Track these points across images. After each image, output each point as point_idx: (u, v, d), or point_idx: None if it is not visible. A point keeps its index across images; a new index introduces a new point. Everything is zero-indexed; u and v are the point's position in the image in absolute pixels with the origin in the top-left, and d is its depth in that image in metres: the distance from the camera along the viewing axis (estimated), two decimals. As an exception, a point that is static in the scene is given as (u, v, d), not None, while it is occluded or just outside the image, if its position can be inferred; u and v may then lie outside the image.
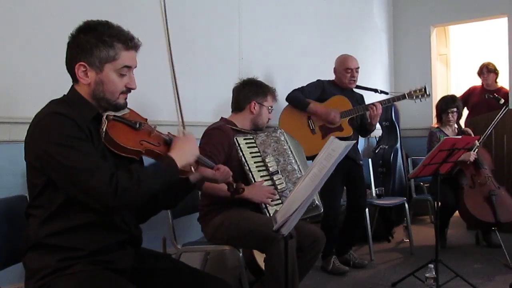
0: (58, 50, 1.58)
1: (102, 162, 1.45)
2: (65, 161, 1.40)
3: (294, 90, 3.60)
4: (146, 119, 1.70)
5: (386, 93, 4.02)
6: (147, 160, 1.65)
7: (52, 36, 2.52)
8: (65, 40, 1.59)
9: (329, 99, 3.59)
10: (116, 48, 1.55)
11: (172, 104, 1.62)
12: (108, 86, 1.56)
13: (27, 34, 2.48)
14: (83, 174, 1.39)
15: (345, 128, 3.54)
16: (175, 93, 1.68)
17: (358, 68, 3.67)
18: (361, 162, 3.77)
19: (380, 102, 3.53)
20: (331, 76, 3.78)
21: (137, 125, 1.59)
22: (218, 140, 2.51)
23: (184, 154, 1.60)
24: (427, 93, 3.64)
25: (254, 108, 2.71)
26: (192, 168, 1.66)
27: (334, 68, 3.74)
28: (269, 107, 2.77)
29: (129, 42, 1.57)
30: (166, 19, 1.62)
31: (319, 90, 3.63)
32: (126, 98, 1.62)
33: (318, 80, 3.71)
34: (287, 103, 3.64)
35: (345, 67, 3.64)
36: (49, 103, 1.55)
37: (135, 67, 1.62)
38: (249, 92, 2.73)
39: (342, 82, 3.67)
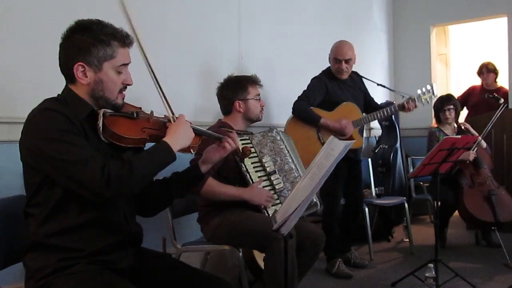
0: (56, 50, 1.59)
1: (95, 153, 1.45)
2: (57, 155, 1.40)
3: (300, 101, 3.39)
4: (140, 108, 1.70)
5: (390, 89, 3.98)
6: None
7: (51, 35, 2.52)
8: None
9: (337, 107, 3.46)
10: (113, 46, 1.56)
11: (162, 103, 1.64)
12: (108, 84, 1.56)
13: (26, 34, 2.48)
14: (76, 166, 1.39)
15: (356, 139, 3.45)
16: (156, 84, 1.67)
17: (350, 59, 3.49)
18: (359, 158, 3.75)
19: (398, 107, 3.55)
20: None
21: (135, 115, 1.61)
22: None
23: (178, 137, 1.59)
24: (435, 94, 3.62)
25: (240, 107, 2.69)
26: (192, 150, 1.67)
27: (329, 56, 3.61)
28: (255, 97, 2.71)
29: (125, 40, 1.59)
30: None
31: (322, 92, 3.48)
32: (123, 98, 1.63)
33: (318, 80, 3.54)
34: (290, 102, 3.57)
35: (334, 56, 3.50)
36: (43, 101, 1.55)
37: (129, 63, 1.63)
38: (228, 93, 2.69)
39: (335, 73, 3.55)
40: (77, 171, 1.39)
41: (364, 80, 3.80)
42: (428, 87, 3.64)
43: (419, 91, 3.63)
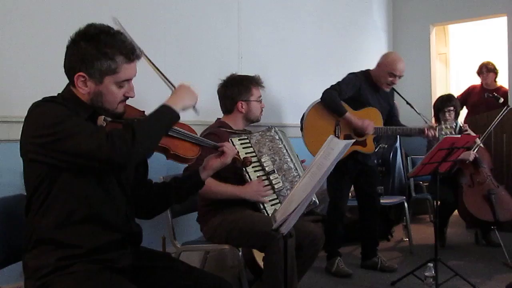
0: (55, 49, 1.58)
1: (98, 127, 1.46)
2: (62, 133, 1.39)
3: (331, 90, 3.37)
4: (144, 112, 1.68)
5: (416, 111, 3.68)
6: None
7: (49, 35, 2.52)
8: (61, 39, 1.57)
9: (363, 109, 3.45)
10: (117, 60, 1.52)
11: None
12: (107, 97, 1.54)
13: (24, 34, 2.48)
14: (81, 138, 1.38)
15: (368, 144, 3.44)
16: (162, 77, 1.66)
17: (403, 76, 3.51)
18: (374, 163, 3.70)
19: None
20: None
21: None
22: None
23: (181, 96, 1.59)
24: (456, 132, 3.57)
25: (242, 107, 2.69)
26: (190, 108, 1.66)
27: (379, 62, 3.55)
28: (257, 99, 2.72)
29: (131, 55, 1.55)
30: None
31: (354, 89, 3.45)
32: (124, 106, 1.61)
33: (354, 75, 3.51)
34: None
35: (390, 70, 3.43)
36: (40, 100, 1.53)
37: (135, 76, 1.60)
38: (232, 93, 2.69)
39: (379, 81, 3.51)
40: (83, 142, 1.38)
41: (398, 91, 3.75)
42: (454, 123, 3.59)
43: (443, 124, 3.55)
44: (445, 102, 4.22)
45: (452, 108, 4.19)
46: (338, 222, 3.54)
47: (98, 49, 1.49)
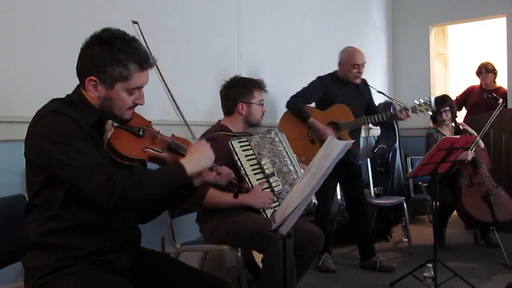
0: (57, 50, 1.58)
1: (101, 161, 1.44)
2: (65, 159, 1.40)
3: (295, 97, 3.50)
4: (150, 122, 1.69)
5: (388, 97, 3.86)
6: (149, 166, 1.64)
7: (51, 35, 2.52)
8: (62, 39, 1.58)
9: (329, 108, 3.51)
10: (130, 68, 1.51)
11: (164, 103, 1.62)
12: (117, 103, 1.54)
13: (25, 34, 2.48)
14: (82, 173, 1.39)
15: (343, 138, 3.44)
16: (169, 95, 1.65)
17: (365, 63, 3.60)
18: (358, 163, 3.73)
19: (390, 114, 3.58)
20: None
21: (141, 132, 1.59)
22: (215, 152, 2.47)
23: (198, 158, 1.58)
24: (432, 108, 3.57)
25: (242, 109, 2.68)
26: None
27: (340, 61, 3.64)
28: (259, 102, 2.72)
29: (144, 63, 1.54)
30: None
31: (321, 91, 3.55)
32: (132, 113, 1.60)
33: (319, 78, 3.62)
34: (286, 103, 3.60)
35: (352, 63, 3.55)
36: (51, 101, 1.53)
37: (146, 83, 1.59)
38: (233, 94, 2.68)
39: (346, 77, 3.59)
40: (83, 179, 1.39)
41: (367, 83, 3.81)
42: (427, 99, 3.59)
43: (416, 102, 3.58)
44: (440, 104, 4.21)
45: (448, 108, 4.20)
46: (323, 219, 3.56)
47: (111, 55, 1.49)
